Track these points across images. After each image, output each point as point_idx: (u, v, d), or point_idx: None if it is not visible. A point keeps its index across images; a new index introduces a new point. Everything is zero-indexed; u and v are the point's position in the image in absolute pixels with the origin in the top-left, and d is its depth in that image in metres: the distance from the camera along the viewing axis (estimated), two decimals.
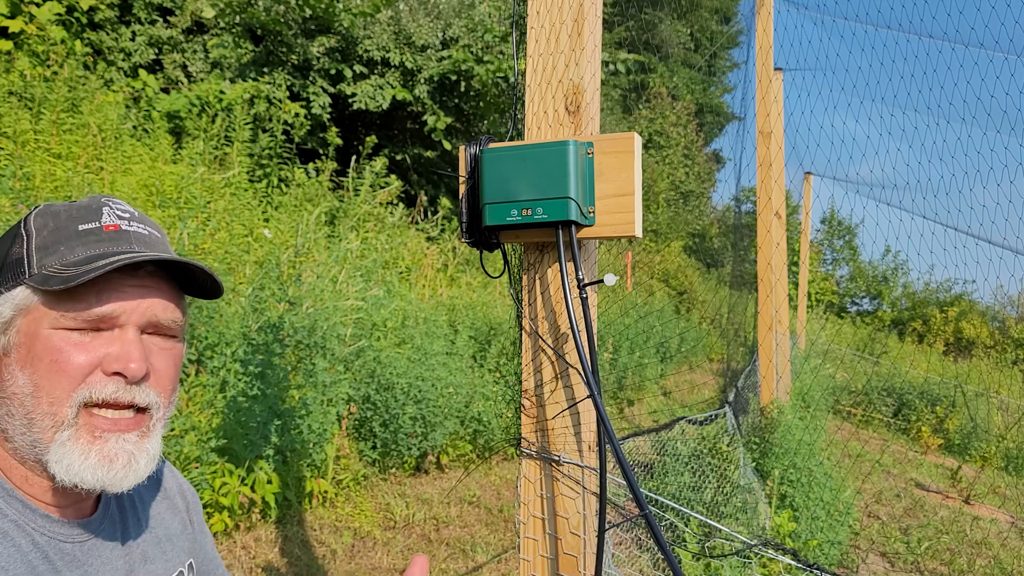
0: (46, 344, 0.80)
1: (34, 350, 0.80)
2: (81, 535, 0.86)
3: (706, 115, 24.61)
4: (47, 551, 0.81)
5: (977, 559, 5.18)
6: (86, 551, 0.85)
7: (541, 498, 1.28)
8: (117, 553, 0.90)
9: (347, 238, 6.10)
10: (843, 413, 10.41)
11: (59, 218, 0.85)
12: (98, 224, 0.85)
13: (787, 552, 3.38)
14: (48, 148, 4.91)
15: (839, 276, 25.70)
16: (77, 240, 0.83)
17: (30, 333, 0.81)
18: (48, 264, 0.81)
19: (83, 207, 0.87)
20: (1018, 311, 24.45)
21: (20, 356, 0.81)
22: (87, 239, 0.84)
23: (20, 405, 0.80)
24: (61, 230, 0.84)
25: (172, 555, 0.99)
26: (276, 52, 7.46)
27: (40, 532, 0.81)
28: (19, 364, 0.80)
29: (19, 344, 0.81)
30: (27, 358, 0.80)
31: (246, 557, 3.31)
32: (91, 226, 0.84)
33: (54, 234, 0.83)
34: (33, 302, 0.81)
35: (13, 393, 0.80)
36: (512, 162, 1.16)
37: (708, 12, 25.44)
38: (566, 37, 1.25)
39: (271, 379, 3.59)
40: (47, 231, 0.84)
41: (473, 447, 5.08)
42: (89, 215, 0.86)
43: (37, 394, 0.79)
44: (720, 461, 4.55)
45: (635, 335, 8.71)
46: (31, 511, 0.81)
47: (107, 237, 0.84)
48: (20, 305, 0.81)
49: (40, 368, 0.80)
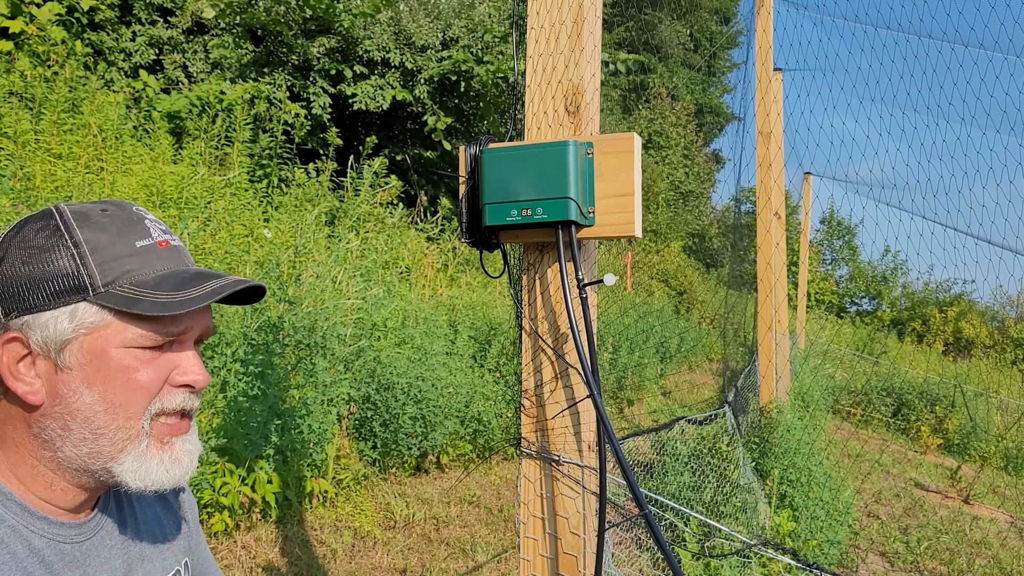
0: (120, 363, 0.81)
1: (106, 369, 0.80)
2: (80, 535, 0.86)
3: (706, 115, 24.62)
4: (45, 554, 0.81)
5: (976, 559, 5.18)
6: (85, 551, 0.86)
7: (541, 498, 1.28)
8: (116, 552, 0.90)
9: (347, 238, 6.10)
10: (842, 413, 10.42)
11: (107, 230, 0.83)
12: (151, 241, 0.85)
13: (787, 552, 3.39)
14: (49, 148, 4.92)
15: (838, 276, 25.72)
16: (139, 258, 0.83)
17: (97, 351, 0.80)
18: (118, 283, 0.81)
19: (123, 219, 0.85)
20: (1017, 311, 24.47)
21: (87, 374, 0.80)
22: (147, 257, 0.84)
23: (86, 420, 0.81)
24: (116, 245, 0.83)
25: (169, 554, 1.00)
26: (276, 52, 7.46)
27: (39, 535, 0.81)
28: (86, 382, 0.80)
29: (85, 363, 0.80)
30: (96, 376, 0.80)
31: (246, 557, 3.32)
32: (147, 243, 0.85)
33: (111, 249, 0.82)
34: (104, 320, 0.81)
35: (77, 409, 0.80)
36: (512, 162, 1.17)
37: (708, 12, 25.45)
38: (566, 37, 1.25)
39: (271, 379, 3.60)
40: (102, 245, 0.82)
41: (473, 447, 5.08)
42: (138, 230, 0.85)
43: (112, 411, 0.81)
44: (720, 461, 4.55)
45: (635, 335, 8.71)
46: (29, 513, 0.81)
47: (164, 255, 0.85)
48: (87, 323, 0.80)
49: (114, 387, 0.81)
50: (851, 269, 25.76)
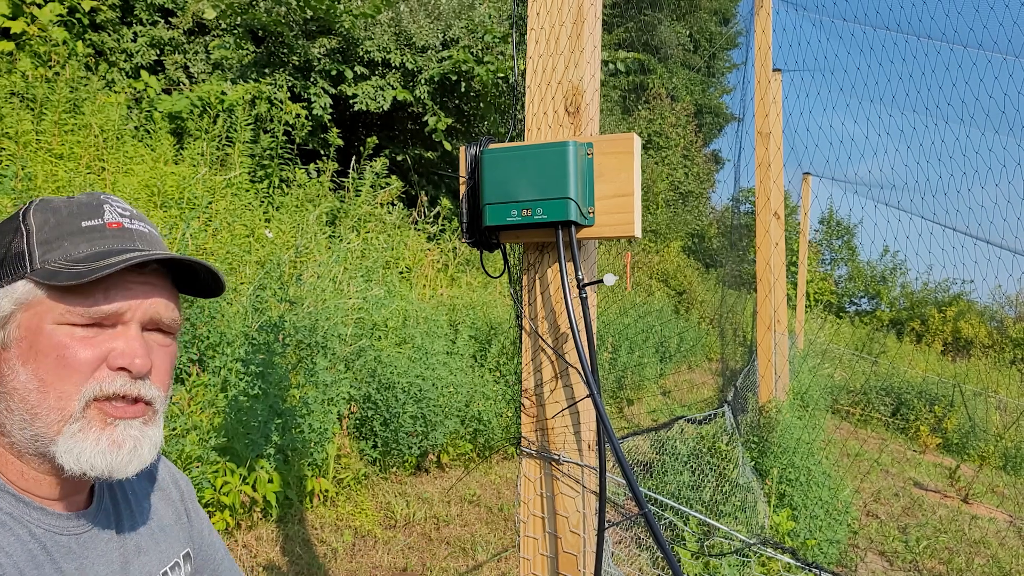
0: (51, 339, 0.80)
1: (38, 345, 0.80)
2: (76, 527, 0.86)
3: (705, 116, 24.62)
4: (44, 542, 0.81)
5: (975, 558, 5.19)
6: (82, 543, 0.86)
7: (541, 497, 1.29)
8: (112, 545, 0.90)
9: (348, 238, 6.11)
10: (841, 412, 10.43)
11: (60, 213, 0.85)
12: (101, 221, 0.85)
13: (786, 551, 3.40)
14: (50, 149, 4.93)
15: (837, 276, 25.71)
16: (81, 236, 0.84)
17: (32, 328, 0.81)
18: (52, 259, 0.82)
19: (83, 203, 0.87)
20: (1016, 311, 24.47)
21: (22, 351, 0.81)
22: (91, 236, 0.84)
23: (22, 400, 0.80)
24: (63, 225, 0.84)
25: (166, 546, 1.00)
26: (277, 53, 7.47)
27: (36, 525, 0.81)
28: (20, 359, 0.81)
29: (20, 339, 0.81)
30: (30, 353, 0.81)
31: (247, 556, 3.33)
32: (94, 223, 0.85)
33: (56, 229, 0.84)
34: (36, 296, 0.81)
35: (14, 388, 0.81)
36: (512, 163, 1.18)
37: (707, 13, 25.44)
38: (566, 38, 1.26)
39: (272, 378, 3.61)
40: (48, 226, 0.84)
41: (473, 446, 5.09)
42: (91, 212, 0.86)
43: (43, 389, 0.80)
44: (719, 460, 4.56)
45: (634, 335, 8.72)
46: (25, 504, 0.82)
47: (111, 234, 0.85)
48: (22, 299, 0.81)
49: (45, 363, 0.80)
50: (850, 269, 25.76)
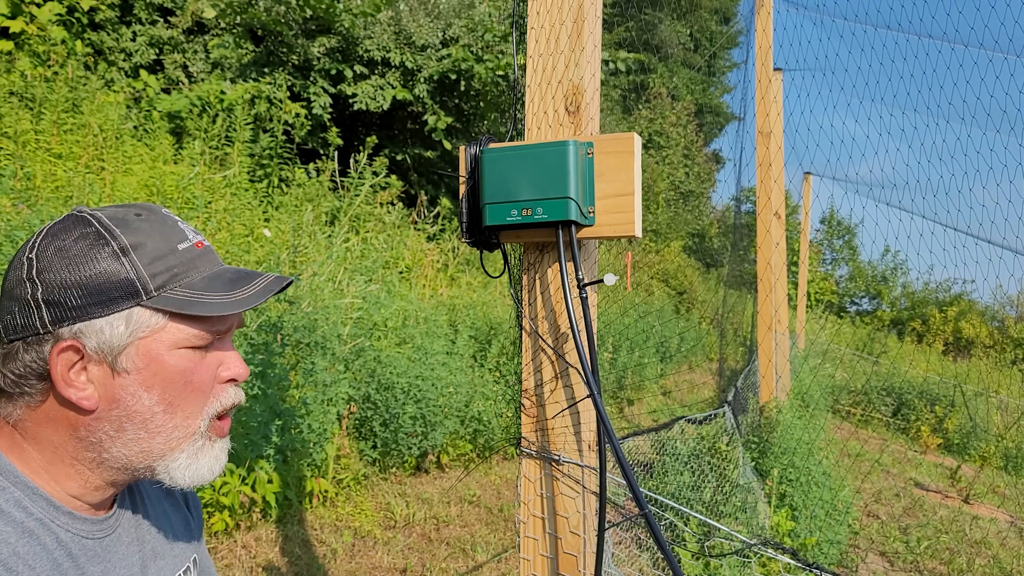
0: (177, 365, 0.84)
1: (164, 372, 0.83)
2: (101, 531, 0.87)
3: (706, 115, 24.63)
4: (71, 547, 0.82)
5: (976, 558, 5.19)
6: (106, 547, 0.87)
7: (541, 497, 1.28)
8: (133, 549, 0.92)
9: (347, 238, 6.10)
10: (842, 412, 10.42)
11: (150, 235, 0.84)
12: (190, 243, 0.87)
13: (786, 551, 3.39)
14: (49, 148, 4.92)
15: (838, 276, 25.71)
16: (183, 261, 0.85)
17: (153, 354, 0.82)
18: (169, 286, 0.83)
19: (159, 222, 0.87)
20: (1017, 311, 24.46)
21: (144, 377, 0.82)
22: (191, 258, 0.86)
23: (143, 422, 0.83)
24: (161, 249, 0.84)
25: (179, 551, 1.01)
26: (277, 52, 7.47)
27: (64, 529, 0.83)
28: (144, 385, 0.82)
29: (142, 367, 0.82)
30: (155, 379, 0.83)
31: (247, 556, 3.32)
32: (187, 245, 0.87)
33: (156, 253, 0.83)
34: (159, 323, 0.82)
35: (136, 411, 0.83)
36: (512, 162, 1.17)
37: (708, 12, 25.44)
38: (566, 37, 1.26)
39: (271, 379, 3.60)
40: (148, 249, 0.83)
41: (473, 447, 5.08)
42: (176, 232, 0.87)
43: (170, 411, 0.84)
44: (719, 460, 4.55)
45: (635, 335, 8.71)
46: (55, 508, 0.83)
47: (203, 256, 0.88)
48: (144, 327, 0.82)
49: (172, 388, 0.84)
50: (851, 269, 25.76)
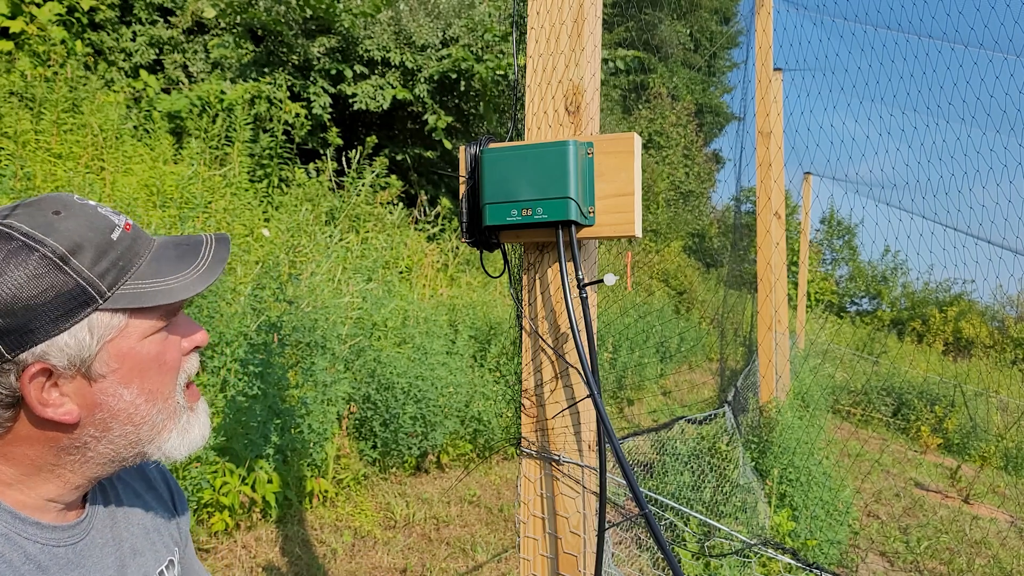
0: (148, 355, 0.84)
1: (139, 365, 0.83)
2: (72, 537, 0.85)
3: (706, 115, 24.63)
4: (40, 559, 0.80)
5: (976, 558, 5.18)
6: (79, 552, 0.85)
7: (541, 497, 1.28)
8: (108, 550, 0.90)
9: (347, 238, 6.10)
10: (842, 412, 10.42)
11: (83, 234, 0.79)
12: (120, 229, 0.82)
13: (786, 551, 3.39)
14: (49, 148, 4.92)
15: (838, 276, 25.71)
16: (123, 250, 0.81)
17: (123, 351, 0.81)
18: (121, 283, 0.80)
19: (81, 215, 0.81)
20: (1017, 311, 24.47)
21: (122, 375, 0.81)
22: (128, 245, 0.82)
23: (128, 416, 0.83)
24: (100, 244, 0.79)
25: (160, 546, 0.99)
26: (277, 52, 7.47)
27: (32, 541, 0.80)
28: (123, 383, 0.82)
29: (116, 367, 0.81)
30: (132, 375, 0.82)
31: (246, 556, 3.32)
32: (119, 233, 0.82)
33: (97, 250, 0.79)
34: (120, 322, 0.81)
35: (119, 410, 0.82)
36: (512, 162, 1.17)
37: (708, 12, 25.45)
38: (566, 37, 1.25)
39: (271, 379, 3.60)
40: (87, 251, 0.78)
41: (473, 447, 5.08)
42: (102, 221, 0.82)
43: (151, 399, 0.85)
44: (719, 460, 4.55)
45: (635, 335, 8.71)
46: (20, 520, 0.80)
47: (135, 238, 0.84)
48: (108, 329, 0.79)
49: (149, 376, 0.84)
50: (851, 269, 25.76)
